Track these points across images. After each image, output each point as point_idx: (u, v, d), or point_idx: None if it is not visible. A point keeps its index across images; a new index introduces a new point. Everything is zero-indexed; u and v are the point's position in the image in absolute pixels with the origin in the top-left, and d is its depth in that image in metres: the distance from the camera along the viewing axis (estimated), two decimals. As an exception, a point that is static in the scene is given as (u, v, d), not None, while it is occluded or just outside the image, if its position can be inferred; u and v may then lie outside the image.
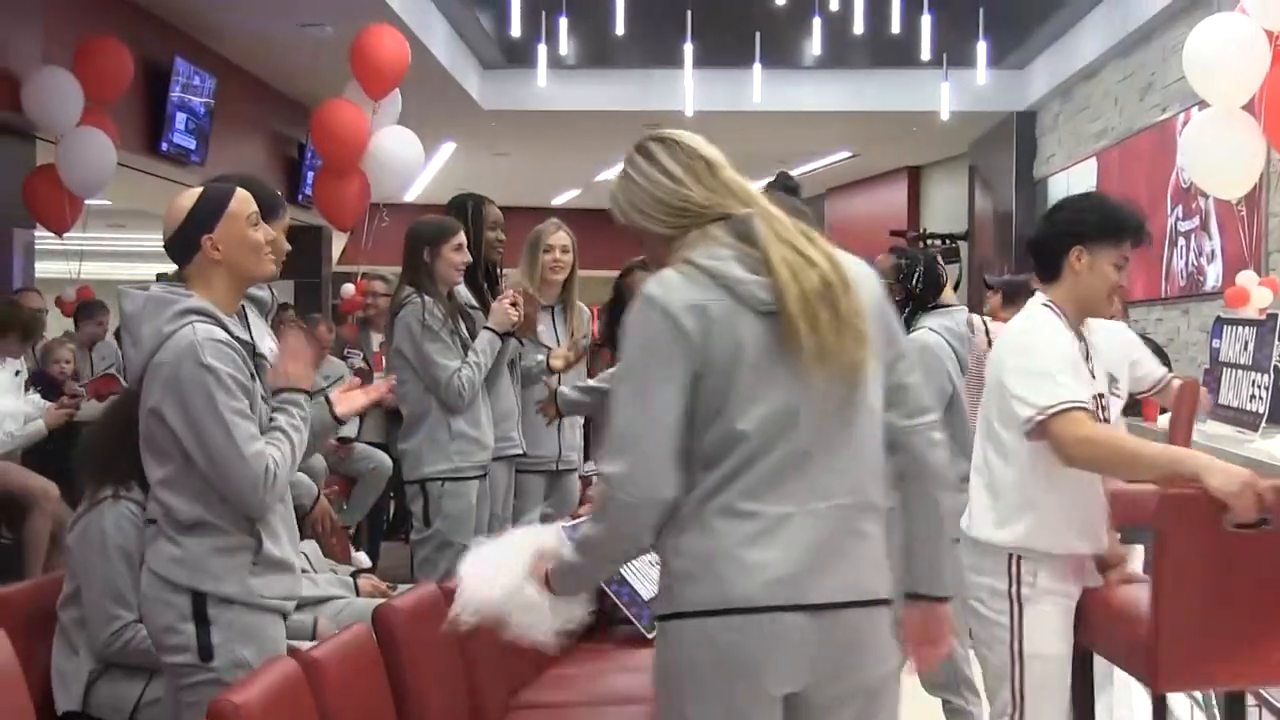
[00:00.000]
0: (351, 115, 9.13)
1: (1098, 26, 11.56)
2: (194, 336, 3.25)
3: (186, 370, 3.23)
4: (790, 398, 2.56)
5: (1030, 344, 3.58)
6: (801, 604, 2.54)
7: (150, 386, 3.30)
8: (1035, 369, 3.50)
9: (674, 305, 2.56)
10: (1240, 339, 6.77)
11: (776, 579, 2.54)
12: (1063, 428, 3.40)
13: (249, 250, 3.39)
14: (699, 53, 11.98)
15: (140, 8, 9.95)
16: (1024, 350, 3.57)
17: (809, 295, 2.56)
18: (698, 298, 2.56)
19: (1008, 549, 3.59)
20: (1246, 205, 7.48)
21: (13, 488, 7.09)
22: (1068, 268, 3.62)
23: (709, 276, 2.57)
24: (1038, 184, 13.96)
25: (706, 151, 2.70)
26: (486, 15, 12.56)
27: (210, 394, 3.22)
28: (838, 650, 2.58)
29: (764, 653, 2.54)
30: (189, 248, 3.36)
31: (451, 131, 15.52)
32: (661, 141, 2.71)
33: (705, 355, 2.55)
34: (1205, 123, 7.01)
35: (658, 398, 2.55)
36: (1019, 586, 3.59)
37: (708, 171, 2.67)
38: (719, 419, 2.56)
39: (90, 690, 4.17)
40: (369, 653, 3.65)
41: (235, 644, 3.30)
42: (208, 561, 3.30)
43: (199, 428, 3.24)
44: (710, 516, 2.57)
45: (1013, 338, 3.67)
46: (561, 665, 4.98)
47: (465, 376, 5.24)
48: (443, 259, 5.32)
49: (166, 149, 10.28)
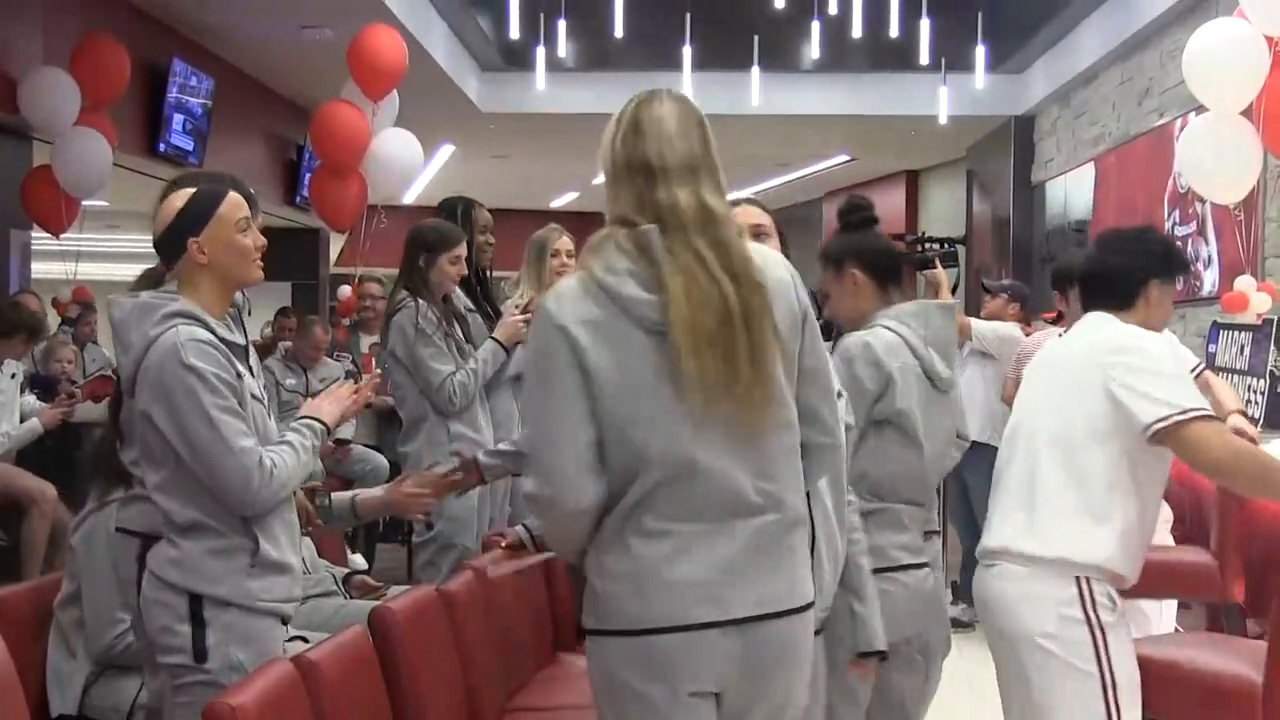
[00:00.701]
0: (352, 116, 9.12)
1: (1096, 31, 11.55)
2: (176, 338, 3.27)
3: (170, 371, 3.25)
4: (688, 418, 2.54)
5: (1151, 349, 3.46)
6: (722, 620, 2.56)
7: (140, 392, 3.32)
8: (1168, 372, 3.40)
9: (566, 319, 2.55)
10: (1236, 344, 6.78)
11: (695, 597, 2.56)
12: (1207, 433, 3.28)
13: (235, 255, 3.40)
14: (698, 56, 11.96)
15: (138, 8, 9.93)
16: (1145, 353, 3.44)
17: (697, 325, 2.51)
18: (590, 313, 2.54)
19: (1082, 565, 3.37)
20: (1244, 210, 7.48)
21: (10, 489, 7.10)
22: (1143, 299, 3.61)
23: (603, 291, 2.54)
24: (1035, 188, 13.95)
25: (660, 152, 2.63)
26: (485, 18, 12.55)
27: (194, 393, 3.24)
28: (759, 660, 2.60)
29: (688, 667, 2.57)
30: (175, 249, 3.38)
31: (450, 134, 15.51)
32: (640, 108, 2.70)
33: (598, 372, 2.53)
34: (1203, 128, 7.01)
35: (559, 410, 2.56)
36: (1095, 610, 3.37)
37: (645, 174, 2.62)
38: (622, 439, 2.55)
39: (87, 692, 4.16)
40: (365, 655, 3.65)
41: (230, 646, 3.31)
42: (204, 563, 3.31)
43: (185, 427, 3.24)
44: (629, 536, 2.59)
45: (1122, 340, 3.49)
46: (557, 668, 4.98)
47: (458, 381, 5.24)
48: (438, 268, 5.33)
49: (164, 150, 10.26)
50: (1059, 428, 3.47)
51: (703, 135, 2.68)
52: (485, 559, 4.76)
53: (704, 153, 2.66)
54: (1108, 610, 3.37)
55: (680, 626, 2.56)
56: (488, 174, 18.16)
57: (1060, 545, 3.38)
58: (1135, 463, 3.40)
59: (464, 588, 4.38)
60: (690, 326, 2.50)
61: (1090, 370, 3.45)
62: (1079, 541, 3.37)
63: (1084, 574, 3.36)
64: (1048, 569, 3.38)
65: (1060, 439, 3.45)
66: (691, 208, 2.58)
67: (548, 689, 4.73)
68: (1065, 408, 3.47)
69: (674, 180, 2.60)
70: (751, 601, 2.58)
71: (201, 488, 3.29)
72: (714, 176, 2.66)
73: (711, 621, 2.56)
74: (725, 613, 2.57)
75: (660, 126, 2.64)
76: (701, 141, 2.67)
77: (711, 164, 2.67)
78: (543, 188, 20.50)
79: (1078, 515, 3.39)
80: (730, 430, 2.55)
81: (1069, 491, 3.41)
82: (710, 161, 2.67)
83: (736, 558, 2.57)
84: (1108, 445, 3.39)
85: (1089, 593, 3.36)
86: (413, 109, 10.00)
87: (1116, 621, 3.38)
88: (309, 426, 3.50)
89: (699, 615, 2.56)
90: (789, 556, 2.63)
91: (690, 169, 2.62)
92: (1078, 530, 3.38)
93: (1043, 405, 3.55)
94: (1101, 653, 3.34)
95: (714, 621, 2.56)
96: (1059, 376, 3.56)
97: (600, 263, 2.57)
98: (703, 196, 2.61)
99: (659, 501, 2.56)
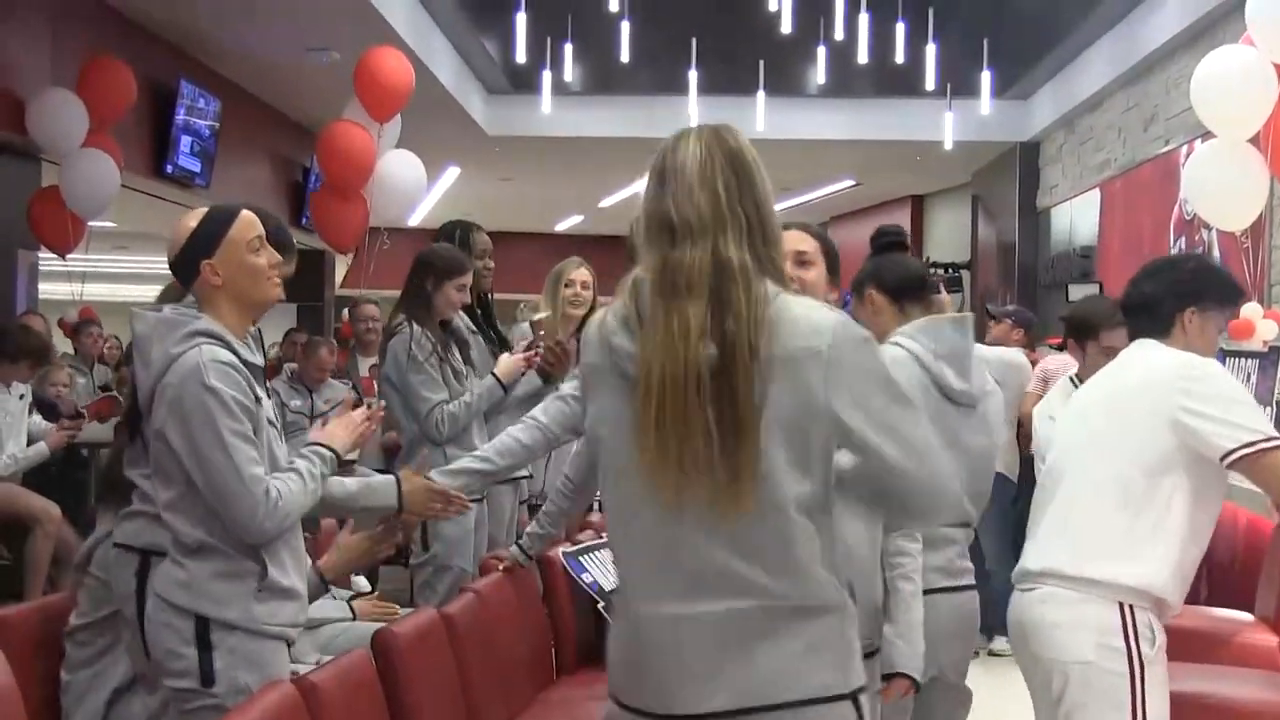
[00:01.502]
0: (359, 138, 9.14)
1: (1102, 58, 11.58)
2: (200, 358, 3.25)
3: (190, 391, 3.24)
4: (647, 484, 2.34)
5: (1218, 374, 3.42)
6: (635, 707, 2.41)
7: (157, 409, 3.30)
8: (1241, 398, 3.38)
9: (585, 358, 2.51)
10: (1243, 371, 6.77)
11: (614, 683, 2.47)
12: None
13: (249, 275, 3.39)
14: (703, 80, 12.00)
15: (146, 30, 9.98)
16: (1214, 379, 3.39)
17: (657, 395, 2.31)
18: (592, 356, 2.47)
19: (1129, 590, 3.30)
20: (1250, 237, 7.48)
21: (14, 508, 7.11)
22: (1179, 326, 3.56)
23: (604, 336, 2.44)
24: (1040, 214, 13.97)
25: (679, 207, 2.38)
26: (492, 41, 12.59)
27: (211, 416, 3.23)
28: None
29: None
30: (190, 271, 3.38)
31: (456, 156, 15.55)
32: (668, 155, 2.45)
33: (592, 417, 2.47)
34: (1209, 154, 7.02)
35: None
36: (1137, 640, 3.29)
37: (668, 230, 2.39)
38: (611, 488, 2.47)
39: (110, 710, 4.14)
40: (367, 678, 3.64)
41: (238, 670, 3.29)
42: (211, 586, 3.29)
43: (199, 449, 3.24)
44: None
45: (1188, 368, 3.42)
46: (559, 690, 4.97)
47: (448, 412, 5.24)
48: (443, 294, 5.34)
49: (171, 171, 10.29)
50: (1113, 456, 3.40)
51: (732, 178, 2.40)
52: (483, 582, 4.76)
53: (731, 198, 2.38)
54: (1148, 642, 3.30)
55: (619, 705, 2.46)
56: (493, 196, 18.21)
57: (1109, 568, 3.31)
58: (1194, 491, 3.35)
59: (465, 611, 4.38)
60: (648, 396, 2.31)
61: (1152, 398, 3.39)
62: (1129, 566, 3.30)
63: (1129, 600, 3.30)
64: (1091, 591, 3.32)
65: (1115, 467, 3.39)
66: (702, 266, 2.34)
67: (548, 712, 4.72)
68: (1123, 436, 3.41)
69: (692, 237, 2.36)
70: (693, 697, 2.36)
71: (210, 509, 3.28)
72: (740, 224, 2.37)
73: (632, 707, 2.44)
74: (633, 701, 2.43)
75: (680, 178, 2.40)
76: (730, 185, 2.39)
77: (738, 211, 2.38)
78: (547, 211, 20.54)
79: (1129, 540, 3.33)
80: (696, 510, 2.32)
81: (1121, 516, 3.34)
82: (738, 208, 2.38)
83: (675, 647, 2.36)
84: (1168, 473, 3.34)
85: (1132, 621, 3.29)
86: (418, 131, 10.02)
87: (1156, 656, 3.31)
88: (319, 454, 3.48)
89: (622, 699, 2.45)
90: (766, 645, 2.34)
91: (709, 222, 2.36)
92: (1128, 555, 3.31)
93: (1095, 433, 3.49)
94: (1137, 686, 3.27)
95: (635, 708, 2.44)
96: (1114, 406, 3.49)
97: (614, 306, 2.46)
98: (720, 251, 2.34)
99: (624, 565, 2.46)
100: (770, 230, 2.41)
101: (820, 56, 11.68)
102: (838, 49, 11.40)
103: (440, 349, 5.30)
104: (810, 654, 2.34)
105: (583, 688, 4.95)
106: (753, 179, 2.43)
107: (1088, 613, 3.30)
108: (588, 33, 11.68)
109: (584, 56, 12.36)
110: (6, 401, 7.13)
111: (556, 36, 11.71)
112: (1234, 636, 4.86)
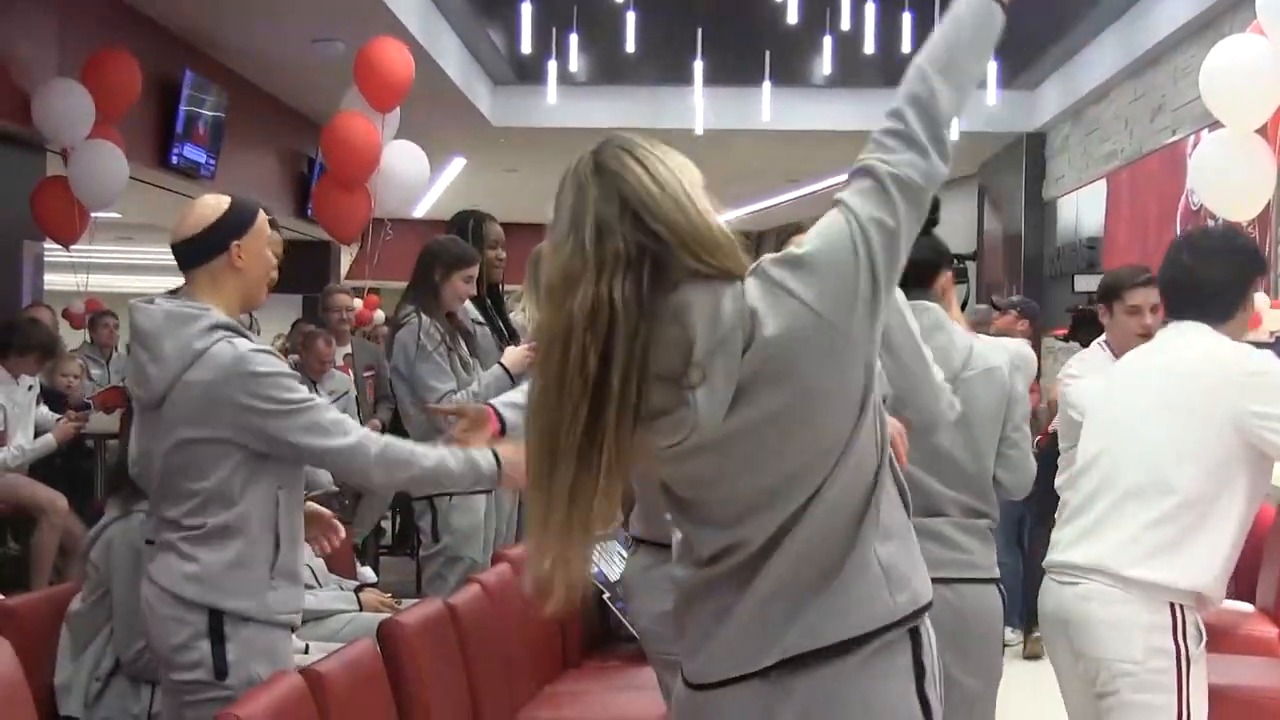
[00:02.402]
0: (366, 128, 9.13)
1: (1108, 48, 11.56)
2: (235, 350, 3.24)
3: (239, 384, 3.22)
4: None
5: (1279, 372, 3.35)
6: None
7: (181, 405, 3.26)
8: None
9: None
10: (1248, 362, 6.74)
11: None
12: None
13: (263, 267, 3.42)
14: (709, 71, 11.99)
15: (152, 21, 9.97)
16: (1277, 376, 3.32)
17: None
18: None
19: (1180, 592, 3.25)
20: (1257, 228, 7.47)
21: (20, 499, 7.13)
22: (1240, 308, 3.48)
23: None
24: (1047, 205, 13.95)
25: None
26: (497, 32, 12.58)
27: (281, 390, 3.25)
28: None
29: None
30: (213, 250, 3.34)
31: (461, 147, 15.55)
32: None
33: None
34: (1215, 145, 7.00)
35: None
36: (1185, 639, 3.24)
37: None
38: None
39: (100, 699, 4.15)
40: (373, 668, 3.64)
41: (250, 661, 3.27)
42: (225, 577, 3.26)
43: (280, 424, 3.24)
44: None
45: (1251, 364, 3.34)
46: (564, 682, 4.97)
47: (454, 400, 5.24)
48: (450, 285, 5.34)
49: (176, 162, 10.29)
50: (1171, 452, 3.32)
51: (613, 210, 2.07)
52: (489, 573, 4.77)
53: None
54: (1195, 641, 3.27)
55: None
56: (498, 187, 18.20)
57: (1164, 572, 3.25)
58: (1251, 488, 3.30)
59: (471, 602, 4.38)
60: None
61: (1214, 396, 3.31)
62: (1183, 568, 3.25)
63: (1179, 600, 3.25)
64: (1140, 592, 3.26)
65: (1173, 463, 3.31)
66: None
67: (555, 703, 4.73)
68: (1183, 432, 3.32)
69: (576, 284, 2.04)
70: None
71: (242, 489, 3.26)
72: (627, 258, 2.03)
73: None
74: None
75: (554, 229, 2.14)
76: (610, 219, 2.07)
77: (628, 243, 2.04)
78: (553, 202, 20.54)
79: (1185, 542, 3.26)
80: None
81: (1180, 516, 3.28)
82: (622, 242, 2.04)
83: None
84: (1229, 473, 3.28)
85: (1181, 621, 3.25)
86: (424, 122, 10.02)
87: (1200, 654, 3.28)
88: (486, 458, 3.50)
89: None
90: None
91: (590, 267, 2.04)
92: (1183, 556, 3.26)
93: (1149, 425, 3.38)
94: (1183, 684, 3.23)
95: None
96: (1169, 399, 3.38)
97: None
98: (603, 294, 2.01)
99: None
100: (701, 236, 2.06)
101: (826, 47, 11.65)
102: (844, 39, 11.38)
103: (449, 339, 5.30)
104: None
105: (589, 679, 4.96)
106: (646, 202, 2.07)
107: (1139, 614, 3.25)
108: (593, 23, 11.67)
109: (589, 47, 12.35)
110: (15, 393, 7.14)
111: (562, 27, 11.70)
112: (1235, 627, 4.86)
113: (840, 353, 2.07)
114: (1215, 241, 3.61)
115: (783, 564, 2.12)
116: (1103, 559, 3.30)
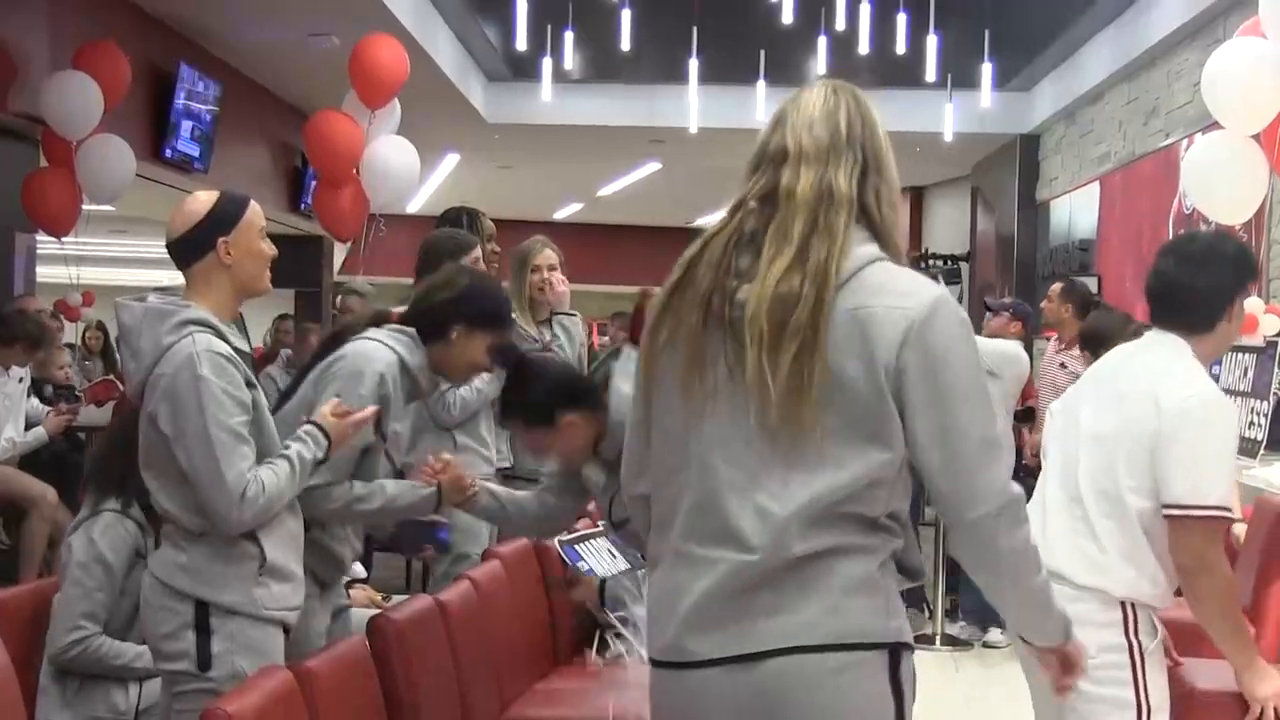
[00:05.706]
0: (344, 126, 9.12)
1: (1103, 51, 11.57)
2: (193, 348, 3.25)
3: (183, 381, 3.24)
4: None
5: (1210, 420, 3.30)
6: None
7: (150, 398, 3.30)
8: (1206, 455, 3.26)
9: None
10: (1240, 365, 6.77)
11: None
12: (1204, 539, 3.24)
13: (256, 260, 3.42)
14: (704, 69, 11.98)
15: (146, 14, 9.95)
16: (1202, 426, 3.27)
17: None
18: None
19: (1132, 591, 3.31)
20: (1250, 232, 7.47)
21: (11, 492, 7.11)
22: (1225, 318, 3.42)
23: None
24: (1040, 207, 13.97)
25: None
26: (492, 28, 12.57)
27: (201, 407, 3.22)
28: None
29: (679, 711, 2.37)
30: (202, 248, 3.35)
31: (455, 143, 15.53)
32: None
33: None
34: (1208, 148, 7.01)
35: None
36: (1138, 634, 3.31)
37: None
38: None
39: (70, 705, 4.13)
40: (363, 663, 3.64)
41: (235, 655, 3.29)
42: (212, 570, 3.30)
43: (186, 440, 3.24)
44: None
45: (1188, 407, 3.29)
46: (553, 680, 4.97)
47: (460, 395, 5.23)
48: None
49: (171, 156, 10.27)
50: (1110, 458, 3.34)
51: (857, 120, 2.39)
52: (480, 570, 4.77)
53: (853, 136, 2.38)
54: (1149, 635, 3.32)
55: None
56: (492, 184, 18.19)
57: (1115, 576, 3.30)
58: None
59: (461, 598, 4.38)
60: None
61: (1146, 419, 3.29)
62: (1133, 572, 3.30)
63: (1130, 598, 3.31)
64: (1091, 594, 3.30)
65: (1112, 469, 3.34)
66: (804, 191, 2.34)
67: (546, 700, 4.73)
68: (1117, 443, 3.34)
69: (805, 163, 2.36)
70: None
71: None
72: (855, 160, 2.37)
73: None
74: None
75: (800, 113, 2.39)
76: (854, 125, 2.39)
77: (856, 149, 2.38)
78: (547, 199, 20.52)
79: (1128, 549, 3.30)
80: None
81: (1118, 525, 3.31)
82: (857, 146, 2.38)
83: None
84: (1150, 496, 3.30)
85: (1133, 617, 3.31)
86: (418, 118, 10.00)
87: (1155, 648, 3.33)
88: (313, 436, 3.43)
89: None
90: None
91: (824, 152, 2.36)
92: (1127, 565, 3.30)
93: (1089, 433, 3.41)
94: (1139, 678, 3.28)
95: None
96: (1110, 409, 3.38)
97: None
98: (827, 180, 2.35)
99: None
100: (886, 172, 2.39)
101: (821, 47, 11.65)
102: (839, 39, 11.38)
103: None
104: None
105: (580, 677, 4.96)
106: (874, 128, 2.40)
107: (1094, 612, 3.27)
108: (588, 20, 11.66)
109: (584, 44, 12.34)
110: (5, 385, 7.13)
111: (557, 24, 11.69)
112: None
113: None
114: (1199, 249, 3.55)
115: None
116: (1062, 568, 3.29)
